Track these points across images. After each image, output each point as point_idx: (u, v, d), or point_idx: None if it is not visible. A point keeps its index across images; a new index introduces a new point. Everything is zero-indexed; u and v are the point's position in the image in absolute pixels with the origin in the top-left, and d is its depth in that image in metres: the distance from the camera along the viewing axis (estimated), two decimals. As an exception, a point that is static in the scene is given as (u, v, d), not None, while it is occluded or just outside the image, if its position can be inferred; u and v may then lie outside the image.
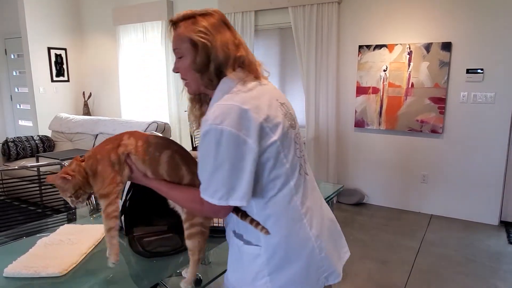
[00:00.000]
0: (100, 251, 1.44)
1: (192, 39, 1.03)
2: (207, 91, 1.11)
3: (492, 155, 3.59)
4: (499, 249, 3.17)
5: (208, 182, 0.98)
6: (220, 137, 0.93)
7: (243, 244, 1.08)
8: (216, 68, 1.03)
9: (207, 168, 0.98)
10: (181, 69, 1.08)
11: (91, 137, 4.73)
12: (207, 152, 0.97)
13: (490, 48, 3.47)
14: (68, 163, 1.25)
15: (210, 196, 0.98)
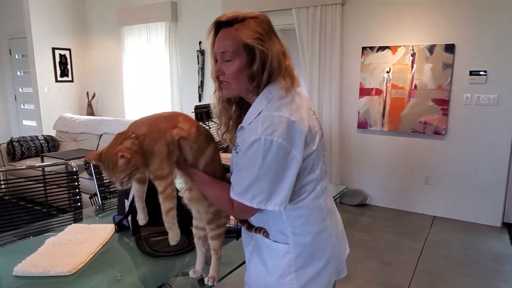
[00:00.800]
0: (107, 250, 1.45)
1: (248, 44, 1.00)
2: (246, 96, 1.10)
3: (495, 157, 3.59)
4: (502, 251, 3.17)
5: (248, 187, 1.01)
6: (270, 147, 0.96)
7: (272, 242, 1.11)
8: (268, 76, 1.03)
9: (249, 174, 1.00)
10: (227, 72, 1.04)
11: (96, 137, 4.76)
12: (253, 160, 0.99)
13: (493, 50, 3.47)
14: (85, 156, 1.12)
15: (248, 200, 1.01)
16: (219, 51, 1.04)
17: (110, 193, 2.37)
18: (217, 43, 1.04)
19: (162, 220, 1.60)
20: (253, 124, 1.01)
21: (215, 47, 1.05)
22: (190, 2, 5.12)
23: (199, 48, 5.14)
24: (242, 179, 1.02)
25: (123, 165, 0.95)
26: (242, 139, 1.03)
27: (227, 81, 1.05)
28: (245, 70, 1.03)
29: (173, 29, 5.26)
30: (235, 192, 1.03)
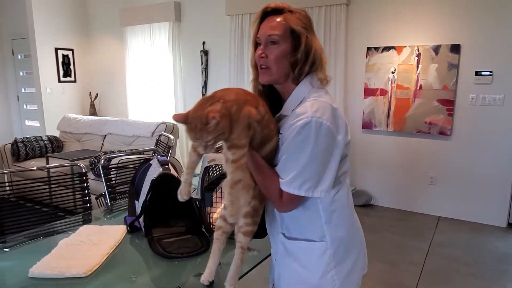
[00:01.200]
0: (120, 251, 1.45)
1: (295, 31, 1.05)
2: (283, 83, 1.11)
3: (501, 157, 3.59)
4: (508, 251, 3.17)
5: (298, 174, 1.00)
6: (319, 129, 0.98)
7: (308, 243, 1.12)
8: (310, 66, 1.07)
9: (301, 158, 1.00)
10: (272, 55, 1.06)
11: (100, 137, 4.76)
12: (303, 143, 0.99)
13: (499, 51, 3.47)
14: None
15: (296, 188, 1.01)
16: (266, 34, 1.06)
17: (117, 194, 2.37)
18: (264, 28, 1.07)
19: (174, 221, 1.61)
20: (299, 109, 1.03)
21: (261, 32, 1.08)
22: (194, 2, 5.12)
23: (202, 48, 5.13)
24: (290, 167, 1.02)
25: (213, 126, 0.91)
26: (288, 125, 1.04)
27: (268, 65, 1.07)
28: (288, 56, 1.06)
29: (176, 29, 5.26)
30: (284, 182, 1.03)
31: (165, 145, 3.60)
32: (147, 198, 1.50)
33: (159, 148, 3.62)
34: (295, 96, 1.09)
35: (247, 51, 4.65)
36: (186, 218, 1.57)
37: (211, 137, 0.92)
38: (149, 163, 1.70)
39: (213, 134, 0.92)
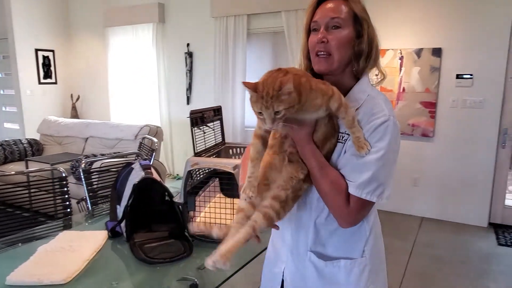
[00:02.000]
0: (101, 257, 1.41)
1: (359, 17, 0.96)
2: (338, 76, 0.99)
3: (481, 159, 3.66)
4: (489, 251, 3.24)
5: (375, 175, 0.90)
6: (396, 129, 0.92)
7: (349, 261, 1.01)
8: (373, 59, 0.98)
9: (373, 161, 0.90)
10: (334, 40, 0.94)
11: (81, 140, 4.67)
12: (381, 142, 0.90)
13: (479, 55, 3.55)
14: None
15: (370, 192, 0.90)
16: (328, 17, 0.95)
17: (99, 198, 2.32)
18: (325, 10, 0.96)
19: (156, 226, 1.58)
20: (373, 106, 0.94)
21: (320, 15, 0.96)
22: (178, 3, 5.08)
23: (187, 50, 5.09)
24: (364, 168, 0.91)
25: (286, 93, 0.82)
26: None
27: (329, 51, 0.95)
28: (352, 43, 0.96)
29: (160, 31, 5.21)
30: (355, 184, 0.91)
31: (148, 148, 3.55)
32: (128, 203, 1.47)
33: (142, 151, 3.57)
34: (359, 93, 0.98)
35: (232, 53, 4.63)
36: (169, 222, 1.55)
37: (282, 107, 0.83)
38: (131, 167, 1.66)
39: (285, 104, 0.83)
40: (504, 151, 3.65)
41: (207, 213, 1.53)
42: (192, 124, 1.50)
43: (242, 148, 1.88)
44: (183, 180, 1.44)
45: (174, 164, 5.44)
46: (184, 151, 5.21)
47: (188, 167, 1.42)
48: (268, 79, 0.85)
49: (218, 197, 1.66)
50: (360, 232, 1.01)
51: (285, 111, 0.83)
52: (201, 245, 1.48)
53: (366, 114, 0.93)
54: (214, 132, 1.76)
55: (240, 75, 4.67)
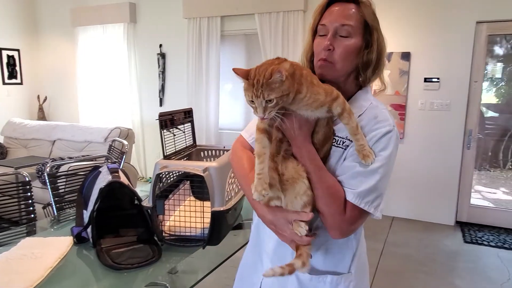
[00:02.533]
0: (66, 264, 1.36)
1: (370, 26, 0.92)
2: (341, 84, 0.95)
3: (448, 159, 3.79)
4: (456, 248, 3.35)
5: (376, 185, 0.87)
6: (397, 141, 0.91)
7: (336, 277, 0.97)
8: (381, 69, 0.96)
9: (376, 171, 0.87)
10: (340, 49, 0.90)
11: (48, 143, 4.50)
12: (385, 152, 0.88)
13: (445, 59, 3.68)
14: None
15: (368, 203, 0.87)
16: (337, 23, 0.90)
17: (66, 203, 2.24)
18: (335, 15, 0.91)
19: (124, 230, 1.54)
20: (377, 114, 0.92)
21: (329, 19, 0.91)
22: (150, 3, 5.00)
23: (159, 51, 5.02)
24: (366, 177, 0.87)
25: (277, 81, 0.78)
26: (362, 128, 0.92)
27: (333, 60, 0.91)
28: (358, 53, 0.92)
29: (131, 31, 5.10)
30: (356, 192, 0.86)
31: (118, 151, 3.47)
32: (95, 208, 1.42)
33: (112, 154, 3.48)
34: (362, 101, 0.95)
35: (206, 54, 4.60)
36: (137, 227, 1.51)
37: (274, 96, 0.79)
38: (98, 171, 1.61)
39: (277, 93, 0.79)
40: (469, 152, 3.79)
41: (177, 216, 1.50)
42: (161, 126, 1.47)
43: (214, 150, 1.86)
44: (151, 183, 1.41)
45: (146, 167, 5.34)
46: (157, 154, 5.12)
47: (157, 170, 1.38)
48: (261, 67, 0.82)
49: (189, 200, 1.63)
50: (347, 247, 0.99)
51: (278, 100, 0.79)
52: (170, 249, 1.45)
53: (370, 122, 0.91)
54: (185, 134, 1.73)
55: (214, 77, 4.64)
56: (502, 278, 2.83)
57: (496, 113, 4.09)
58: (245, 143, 1.09)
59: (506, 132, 3.92)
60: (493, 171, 4.13)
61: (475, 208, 3.88)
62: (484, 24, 3.58)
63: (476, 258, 3.17)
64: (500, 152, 4.01)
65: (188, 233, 1.50)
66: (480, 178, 4.12)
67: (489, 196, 4.06)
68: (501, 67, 3.89)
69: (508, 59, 3.85)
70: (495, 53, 3.84)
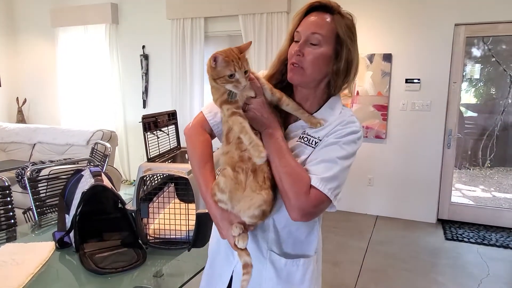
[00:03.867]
0: (48, 270, 1.34)
1: (341, 38, 0.96)
2: (311, 90, 1.02)
3: (429, 158, 3.87)
4: (437, 245, 3.42)
5: (339, 174, 0.95)
6: (361, 140, 1.00)
7: (307, 260, 1.05)
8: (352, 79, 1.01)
9: (343, 160, 0.96)
10: (309, 56, 0.96)
11: (28, 146, 4.40)
12: (350, 147, 0.97)
13: (425, 60, 3.76)
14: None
15: (332, 189, 0.94)
16: (308, 31, 0.96)
17: (48, 208, 2.19)
18: (308, 23, 0.97)
19: (108, 234, 1.52)
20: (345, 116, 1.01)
21: (303, 26, 0.97)
22: (132, 4, 4.94)
23: (142, 52, 4.97)
24: (328, 166, 0.94)
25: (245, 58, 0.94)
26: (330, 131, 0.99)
27: (302, 65, 0.97)
28: (327, 62, 0.97)
29: (114, 32, 5.04)
30: (322, 178, 0.93)
31: (101, 154, 3.42)
32: (77, 212, 1.40)
33: (95, 157, 3.43)
34: (334, 107, 1.03)
35: (190, 55, 4.58)
36: (121, 230, 1.49)
37: (248, 67, 0.92)
38: (80, 174, 1.58)
39: (247, 64, 0.93)
40: (449, 151, 3.88)
41: (162, 219, 1.50)
42: (145, 129, 1.46)
43: (199, 152, 1.85)
44: (135, 186, 1.40)
45: (130, 170, 5.28)
46: (140, 157, 5.06)
47: (140, 173, 1.37)
48: (227, 50, 0.93)
49: (174, 203, 1.62)
50: (313, 233, 1.07)
51: (249, 71, 0.92)
52: (155, 252, 1.44)
53: (340, 123, 0.99)
54: (169, 137, 1.72)
55: (198, 78, 4.62)
56: (482, 274, 2.91)
57: (475, 113, 4.20)
58: (205, 122, 1.08)
59: (484, 131, 4.03)
60: (473, 169, 4.24)
61: (456, 205, 3.97)
62: (462, 26, 3.67)
63: (457, 255, 3.24)
64: (479, 151, 4.12)
65: (173, 236, 1.49)
66: (460, 176, 4.23)
67: (469, 194, 4.16)
68: (479, 68, 4.00)
69: (486, 61, 3.96)
70: (473, 54, 3.95)
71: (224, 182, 0.94)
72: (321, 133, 0.99)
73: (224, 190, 0.94)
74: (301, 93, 1.03)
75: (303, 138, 1.00)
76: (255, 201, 0.93)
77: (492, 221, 3.84)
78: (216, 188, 0.95)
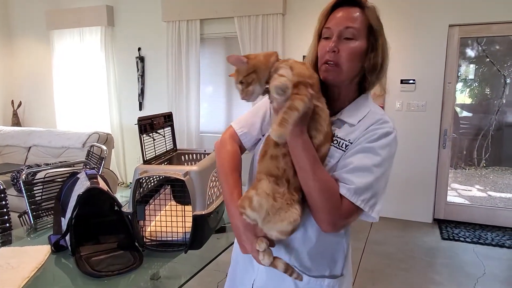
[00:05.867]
0: (44, 274, 1.33)
1: (375, 30, 0.91)
2: (344, 87, 0.96)
3: (425, 158, 3.89)
4: (434, 245, 3.43)
5: (369, 185, 0.87)
6: (396, 144, 0.93)
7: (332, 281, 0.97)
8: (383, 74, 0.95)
9: (372, 170, 0.87)
10: (345, 51, 0.90)
11: (24, 149, 4.38)
12: (384, 151, 0.90)
13: (420, 61, 3.78)
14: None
15: (365, 200, 0.87)
16: (342, 25, 0.90)
17: (43, 211, 2.18)
18: (339, 18, 0.91)
19: (104, 237, 1.52)
20: (378, 116, 0.94)
21: (334, 22, 0.92)
22: (128, 6, 4.94)
23: (138, 54, 4.96)
24: (361, 175, 0.86)
25: (239, 63, 0.89)
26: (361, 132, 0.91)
27: (338, 62, 0.90)
28: (363, 56, 0.91)
29: (109, 35, 5.03)
30: (354, 188, 0.86)
31: (97, 156, 3.41)
32: (73, 215, 1.40)
33: (91, 160, 3.42)
34: (363, 106, 0.96)
35: (185, 57, 4.58)
36: (118, 233, 1.49)
37: (241, 77, 0.88)
38: (76, 177, 1.58)
39: (241, 74, 0.88)
40: (445, 151, 3.90)
41: (158, 221, 1.49)
42: (141, 131, 1.46)
43: (195, 154, 1.85)
44: (131, 188, 1.39)
45: (126, 172, 5.26)
46: (137, 159, 5.05)
47: (136, 175, 1.37)
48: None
49: (170, 205, 1.62)
50: (340, 250, 0.99)
51: (244, 79, 0.86)
52: (152, 255, 1.44)
53: (372, 124, 0.93)
54: (165, 138, 1.72)
55: (194, 80, 4.62)
56: (478, 273, 2.92)
57: (470, 113, 4.23)
58: (235, 135, 1.06)
59: (479, 131, 4.06)
60: (468, 169, 4.27)
61: (452, 205, 3.99)
62: (456, 27, 3.69)
63: (453, 254, 3.26)
64: (475, 151, 4.15)
65: (170, 238, 1.49)
66: (456, 176, 4.25)
67: (464, 193, 4.19)
68: (473, 68, 4.02)
69: (480, 61, 3.99)
70: (467, 55, 3.98)
71: (258, 201, 0.84)
72: (352, 136, 0.92)
73: (257, 209, 0.84)
74: (332, 91, 0.96)
75: (333, 140, 0.93)
76: (289, 215, 0.84)
77: (487, 221, 3.86)
78: (247, 203, 0.84)
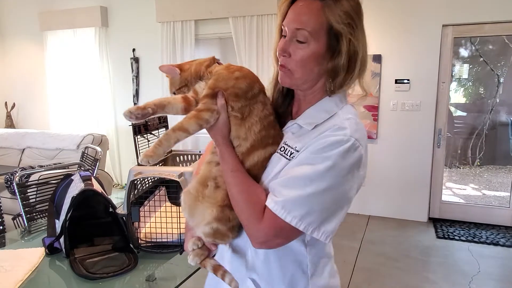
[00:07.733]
0: (38, 276, 1.32)
1: (335, 29, 0.76)
2: (306, 91, 0.85)
3: (420, 158, 3.91)
4: (429, 244, 3.45)
5: (308, 198, 0.74)
6: (353, 154, 0.75)
7: None
8: (357, 75, 0.82)
9: (318, 180, 0.73)
10: (296, 56, 0.78)
11: (17, 151, 4.35)
12: (330, 162, 0.73)
13: (415, 61, 3.80)
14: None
15: (296, 217, 0.74)
16: (293, 26, 0.78)
17: (37, 213, 2.17)
18: (293, 15, 0.78)
19: (99, 239, 1.51)
20: (335, 121, 0.79)
21: (288, 20, 0.79)
22: (122, 7, 4.92)
23: (132, 55, 4.94)
24: (294, 187, 0.75)
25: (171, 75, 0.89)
26: (312, 140, 0.78)
27: (290, 67, 0.80)
28: (321, 60, 0.78)
29: (103, 35, 5.00)
30: (280, 201, 0.75)
31: (92, 158, 3.39)
32: (67, 217, 1.39)
33: (85, 161, 3.40)
34: (324, 109, 0.83)
35: (180, 58, 4.57)
36: (112, 235, 1.48)
37: (173, 89, 0.89)
38: (70, 179, 1.57)
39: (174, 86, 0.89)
40: (439, 150, 3.92)
41: (153, 223, 1.49)
42: (135, 132, 1.45)
43: (190, 155, 1.85)
44: (126, 190, 1.39)
45: (121, 174, 5.24)
46: (132, 160, 5.03)
47: (131, 176, 1.37)
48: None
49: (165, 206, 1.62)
50: (298, 266, 0.85)
51: (177, 92, 0.87)
52: (147, 256, 1.43)
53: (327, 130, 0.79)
54: (160, 139, 1.71)
55: (189, 81, 4.60)
56: (473, 271, 2.94)
57: (464, 113, 4.26)
58: None
59: (473, 130, 4.09)
60: (463, 168, 4.30)
61: (447, 204, 4.01)
62: (450, 27, 3.72)
63: (448, 253, 3.28)
64: (469, 150, 4.18)
65: (165, 239, 1.48)
66: (451, 175, 4.28)
67: (459, 192, 4.22)
68: (467, 68, 4.05)
69: (474, 61, 4.01)
70: (461, 55, 4.00)
71: (183, 199, 0.89)
72: (300, 143, 0.80)
73: (182, 206, 0.89)
74: (297, 94, 0.88)
75: (281, 147, 0.83)
76: (205, 217, 0.83)
77: (482, 219, 3.88)
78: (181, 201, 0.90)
